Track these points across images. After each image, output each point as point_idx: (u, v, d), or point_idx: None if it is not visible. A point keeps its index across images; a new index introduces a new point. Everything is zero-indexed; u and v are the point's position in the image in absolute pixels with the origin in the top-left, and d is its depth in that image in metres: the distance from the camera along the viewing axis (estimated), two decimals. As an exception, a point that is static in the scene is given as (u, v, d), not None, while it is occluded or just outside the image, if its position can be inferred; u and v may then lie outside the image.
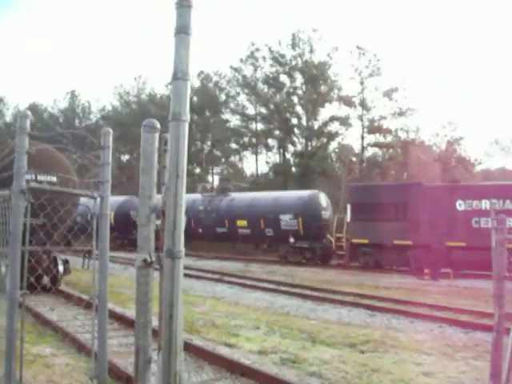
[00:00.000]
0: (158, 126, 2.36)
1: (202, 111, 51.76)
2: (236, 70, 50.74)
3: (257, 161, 50.30)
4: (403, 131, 45.22)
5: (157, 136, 2.34)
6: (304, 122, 46.73)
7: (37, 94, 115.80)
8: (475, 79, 71.27)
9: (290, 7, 79.39)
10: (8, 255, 3.00)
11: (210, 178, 52.32)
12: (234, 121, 52.13)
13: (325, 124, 46.19)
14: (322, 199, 26.70)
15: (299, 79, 47.48)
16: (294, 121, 47.52)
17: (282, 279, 18.26)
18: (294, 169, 46.94)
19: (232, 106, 52.02)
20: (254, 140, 50.33)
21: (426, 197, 21.76)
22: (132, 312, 8.40)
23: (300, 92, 47.53)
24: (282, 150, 48.91)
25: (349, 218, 24.01)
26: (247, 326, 9.68)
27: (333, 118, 45.57)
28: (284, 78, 48.62)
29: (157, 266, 2.19)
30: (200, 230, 29.04)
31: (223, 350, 7.67)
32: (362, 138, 45.20)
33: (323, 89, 46.48)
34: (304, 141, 46.84)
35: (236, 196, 29.77)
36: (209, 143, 53.71)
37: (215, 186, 37.51)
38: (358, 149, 45.34)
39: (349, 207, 24.20)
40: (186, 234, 1.92)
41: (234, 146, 52.27)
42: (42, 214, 3.52)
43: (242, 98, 51.18)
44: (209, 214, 29.18)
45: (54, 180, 11.34)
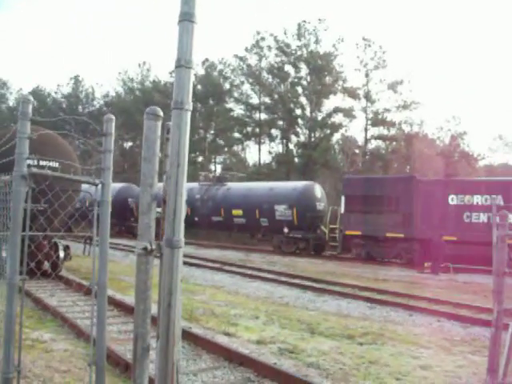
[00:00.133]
0: (161, 113, 2.34)
1: (206, 99, 51.62)
2: (241, 58, 50.54)
3: (260, 151, 50.27)
4: (407, 124, 45.11)
5: (159, 124, 2.32)
6: (308, 112, 46.60)
7: (40, 79, 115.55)
8: (480, 74, 70.95)
9: (296, -3, 78.86)
10: (8, 240, 3.00)
11: (212, 167, 52.31)
12: (238, 110, 52.02)
13: (328, 115, 46.05)
14: (317, 190, 26.96)
15: (304, 70, 47.28)
16: (298, 111, 47.39)
17: (282, 269, 18.30)
18: (296, 159, 46.86)
19: (236, 95, 51.86)
20: (257, 130, 50.22)
21: (419, 191, 22.03)
22: (132, 299, 8.44)
23: (304, 83, 47.34)
24: (285, 141, 48.83)
25: (343, 209, 24.33)
26: (246, 316, 9.72)
27: (337, 110, 45.41)
28: (289, 68, 48.45)
29: (157, 254, 2.19)
30: (196, 219, 29.18)
31: (222, 339, 7.70)
32: (366, 130, 45.08)
33: (328, 80, 46.29)
34: (307, 132, 46.74)
35: (232, 185, 30.00)
36: (212, 132, 53.61)
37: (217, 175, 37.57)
38: (361, 141, 45.26)
39: (343, 199, 24.46)
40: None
41: (237, 135, 52.18)
42: (43, 199, 3.51)
43: (246, 88, 51.04)
44: (205, 202, 29.30)
45: (56, 165, 11.34)
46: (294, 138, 48.26)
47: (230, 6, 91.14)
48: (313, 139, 45.96)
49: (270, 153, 49.90)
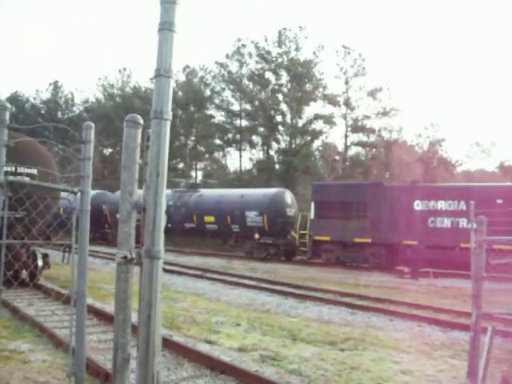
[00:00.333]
0: (141, 121, 2.32)
1: (187, 106, 51.54)
2: (221, 65, 50.63)
3: (241, 157, 50.32)
4: (386, 131, 45.67)
5: (139, 132, 2.30)
6: (288, 119, 46.84)
7: (19, 84, 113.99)
8: (458, 82, 72.19)
9: (277, 3, 79.42)
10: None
11: (193, 174, 52.16)
12: (219, 117, 52.05)
13: (309, 122, 46.36)
14: (288, 197, 27.40)
15: (284, 77, 47.58)
16: (279, 118, 47.62)
17: (263, 276, 18.28)
18: (277, 166, 47.02)
19: (217, 101, 51.89)
20: (238, 136, 50.28)
21: (386, 196, 22.52)
22: (112, 308, 8.35)
23: (285, 89, 47.61)
24: (265, 147, 48.96)
25: (312, 215, 24.66)
26: (228, 323, 9.68)
27: (317, 117, 45.75)
28: (269, 75, 48.71)
29: (137, 262, 2.17)
30: (169, 225, 29.18)
31: (203, 347, 7.65)
32: (346, 136, 45.48)
33: (308, 87, 46.63)
34: (288, 138, 46.96)
35: (205, 192, 30.30)
36: (193, 138, 53.50)
37: (198, 182, 37.55)
38: (341, 147, 45.65)
39: (312, 205, 24.79)
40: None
41: (218, 141, 52.16)
42: (20, 207, 3.46)
43: (227, 94, 51.12)
44: (178, 209, 29.32)
45: (34, 172, 11.19)
46: (274, 145, 48.47)
47: (211, 12, 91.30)
48: (293, 146, 46.18)
49: (250, 159, 50.04)
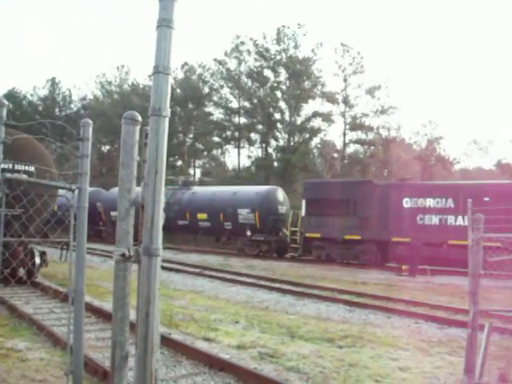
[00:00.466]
0: (139, 118, 2.31)
1: (185, 103, 51.48)
2: (220, 62, 50.57)
3: (239, 155, 50.33)
4: (385, 129, 45.75)
5: (138, 129, 2.29)
6: (287, 117, 46.84)
7: (16, 81, 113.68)
8: (456, 80, 72.21)
9: (276, 1, 79.34)
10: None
11: (191, 171, 52.13)
12: (217, 114, 52.04)
13: (307, 120, 46.36)
14: (279, 194, 27.58)
15: (283, 74, 47.55)
16: (277, 116, 47.61)
17: (261, 274, 18.29)
18: (275, 163, 47.04)
19: (215, 98, 51.85)
20: (236, 134, 50.26)
21: (376, 194, 22.71)
22: (110, 305, 8.34)
23: (284, 87, 47.59)
24: (264, 145, 48.96)
25: (303, 212, 24.86)
26: (226, 321, 9.68)
27: (315, 114, 45.75)
28: (268, 73, 48.68)
29: (135, 260, 2.17)
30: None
31: (202, 345, 7.65)
32: (344, 134, 45.51)
33: (307, 84, 46.62)
34: (286, 136, 46.95)
35: (198, 190, 30.50)
36: (191, 136, 53.45)
37: (197, 179, 37.58)
38: (339, 145, 45.68)
39: (304, 202, 24.98)
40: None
41: (216, 139, 52.14)
42: (17, 205, 3.45)
43: (226, 92, 51.12)
44: (171, 206, 29.43)
45: (31, 170, 11.17)
46: (273, 142, 48.48)
47: (210, 9, 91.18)
48: (292, 143, 46.20)
49: (249, 157, 50.06)
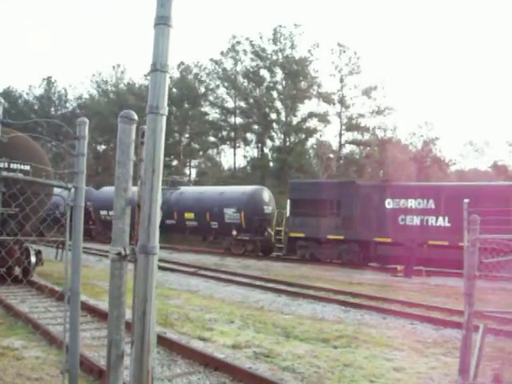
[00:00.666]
0: (136, 117, 2.31)
1: (181, 103, 51.41)
2: (216, 62, 50.53)
3: (235, 155, 50.31)
4: (381, 130, 45.82)
5: (134, 128, 2.29)
6: (283, 117, 46.84)
7: (12, 79, 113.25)
8: (452, 81, 72.45)
9: (272, 1, 79.37)
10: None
11: (187, 171, 52.07)
12: (213, 114, 52.00)
13: (303, 120, 46.38)
14: (265, 194, 27.83)
15: (279, 74, 47.57)
16: (273, 116, 47.60)
17: (256, 274, 18.30)
18: (271, 164, 47.04)
19: (211, 98, 51.81)
20: (232, 134, 50.23)
21: (359, 195, 22.95)
22: (105, 304, 8.32)
23: (280, 87, 47.59)
24: (260, 145, 48.95)
25: (288, 212, 25.09)
26: (221, 320, 9.69)
27: (311, 115, 45.78)
28: (264, 73, 48.67)
29: (131, 259, 2.16)
30: None
31: (197, 344, 7.65)
32: (340, 135, 45.56)
33: (303, 85, 46.64)
34: (282, 136, 46.96)
35: (185, 190, 30.81)
36: (187, 135, 53.39)
37: (192, 179, 37.58)
38: (335, 146, 45.72)
39: (289, 202, 25.20)
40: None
41: (212, 139, 52.10)
42: (13, 203, 3.44)
43: (222, 91, 51.08)
44: None
45: (27, 169, 11.14)
46: (269, 143, 48.47)
47: (206, 9, 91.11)
48: (288, 144, 46.21)
49: (245, 157, 50.03)
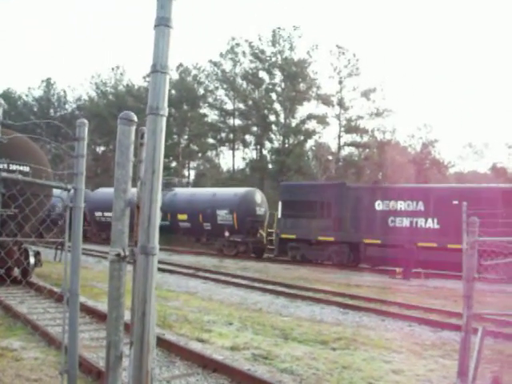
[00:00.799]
0: (135, 118, 2.32)
1: (180, 105, 51.45)
2: (215, 64, 50.59)
3: (233, 156, 50.32)
4: (380, 132, 45.87)
5: (133, 129, 2.30)
6: (282, 119, 46.89)
7: (11, 81, 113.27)
8: (451, 83, 72.55)
9: (271, 3, 79.46)
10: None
11: (186, 173, 52.07)
12: (212, 115, 52.05)
13: (302, 122, 46.42)
14: (258, 196, 28.02)
15: (278, 76, 47.61)
16: (272, 117, 47.65)
17: (255, 275, 18.29)
18: (270, 165, 47.05)
19: (210, 100, 51.86)
20: (231, 135, 50.26)
21: (349, 197, 23.11)
22: (104, 306, 8.32)
23: (279, 89, 47.64)
24: (259, 147, 48.99)
25: (279, 214, 25.25)
26: (220, 322, 9.68)
27: (310, 116, 45.82)
28: (263, 75, 48.75)
29: (130, 260, 2.17)
30: None
31: (195, 346, 7.65)
32: (339, 137, 45.60)
33: (302, 87, 46.68)
34: (281, 138, 47.01)
35: (179, 191, 30.94)
36: (186, 137, 53.43)
37: (191, 181, 37.59)
38: (334, 148, 45.75)
39: (280, 204, 25.34)
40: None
41: (211, 140, 52.13)
42: (13, 204, 3.44)
43: (221, 93, 51.14)
44: None
45: (27, 170, 11.13)
46: (267, 144, 48.52)
47: (205, 11, 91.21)
48: (287, 145, 46.24)
49: (243, 159, 50.06)
